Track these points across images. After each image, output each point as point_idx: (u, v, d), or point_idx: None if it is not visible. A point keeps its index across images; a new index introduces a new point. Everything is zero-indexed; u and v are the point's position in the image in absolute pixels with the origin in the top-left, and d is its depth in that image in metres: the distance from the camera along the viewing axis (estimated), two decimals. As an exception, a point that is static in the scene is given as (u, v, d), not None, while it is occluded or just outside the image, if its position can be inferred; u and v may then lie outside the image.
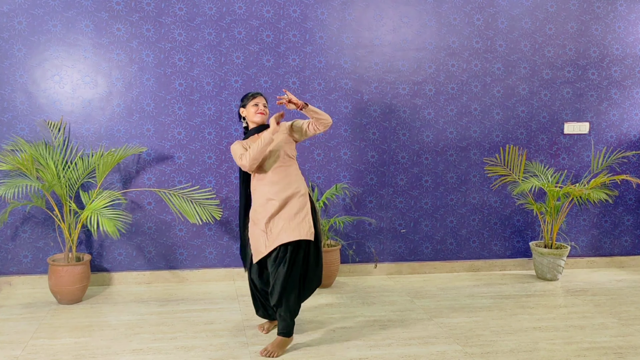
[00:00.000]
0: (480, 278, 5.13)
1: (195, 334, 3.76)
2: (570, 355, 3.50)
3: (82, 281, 4.32)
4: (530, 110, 5.21)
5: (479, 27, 5.05)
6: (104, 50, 4.58)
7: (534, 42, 5.14)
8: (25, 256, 4.64)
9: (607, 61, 5.26)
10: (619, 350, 3.60)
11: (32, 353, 3.44)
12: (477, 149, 5.18)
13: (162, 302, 4.41)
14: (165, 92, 4.69)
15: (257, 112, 3.64)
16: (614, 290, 4.82)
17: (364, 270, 5.13)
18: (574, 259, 5.43)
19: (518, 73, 5.16)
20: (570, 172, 5.32)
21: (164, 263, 4.85)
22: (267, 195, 3.54)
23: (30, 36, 4.47)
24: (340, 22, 4.86)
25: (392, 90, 5.00)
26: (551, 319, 4.14)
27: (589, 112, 5.29)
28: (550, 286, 4.91)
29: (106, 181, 4.66)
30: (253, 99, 3.66)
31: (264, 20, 4.76)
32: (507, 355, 3.49)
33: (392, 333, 3.84)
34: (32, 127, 4.53)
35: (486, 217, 5.28)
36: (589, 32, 5.21)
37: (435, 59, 5.03)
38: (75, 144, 4.60)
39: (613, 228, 5.46)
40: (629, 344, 3.69)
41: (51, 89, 4.55)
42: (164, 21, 4.63)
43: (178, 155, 4.75)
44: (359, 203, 5.07)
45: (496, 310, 4.31)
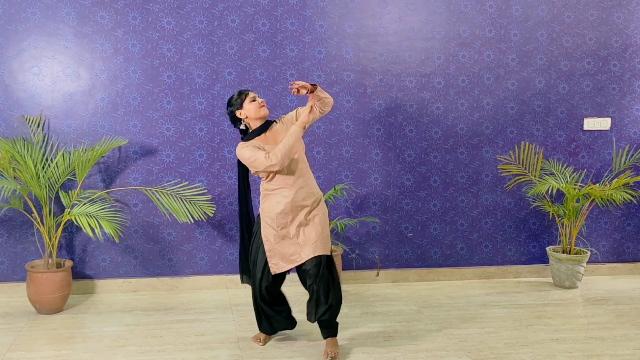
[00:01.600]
0: (493, 286, 5.22)
1: (185, 347, 3.82)
2: None
3: (63, 289, 4.39)
4: (547, 105, 5.28)
5: (492, 14, 5.12)
6: (87, 39, 4.63)
7: (551, 31, 5.21)
8: (1, 262, 4.71)
9: (630, 51, 5.32)
10: None
11: (9, 367, 3.50)
12: (489, 146, 5.24)
13: (150, 311, 4.49)
14: (152, 85, 4.75)
15: (261, 106, 3.64)
16: (637, 299, 4.92)
17: (368, 278, 5.21)
18: (595, 265, 5.50)
19: (534, 64, 5.22)
20: (590, 171, 5.39)
21: (151, 269, 4.92)
22: (296, 200, 3.61)
23: (6, 24, 4.52)
24: (342, 9, 4.91)
25: (398, 83, 5.06)
26: (569, 330, 4.20)
27: (611, 106, 5.36)
28: (568, 295, 4.99)
29: (88, 181, 4.70)
30: (247, 96, 3.64)
31: (259, 7, 4.81)
32: None
33: (397, 345, 3.90)
34: (9, 123, 4.59)
35: (499, 220, 5.35)
36: (610, 20, 5.27)
37: (444, 49, 5.09)
38: (55, 141, 4.64)
39: (637, 232, 5.54)
40: None
41: (30, 81, 4.60)
42: (152, 8, 4.67)
43: (167, 153, 4.80)
44: (362, 205, 5.13)
45: (510, 320, 4.38)
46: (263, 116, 3.63)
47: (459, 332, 4.13)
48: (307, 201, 3.61)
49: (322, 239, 3.61)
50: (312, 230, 3.60)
